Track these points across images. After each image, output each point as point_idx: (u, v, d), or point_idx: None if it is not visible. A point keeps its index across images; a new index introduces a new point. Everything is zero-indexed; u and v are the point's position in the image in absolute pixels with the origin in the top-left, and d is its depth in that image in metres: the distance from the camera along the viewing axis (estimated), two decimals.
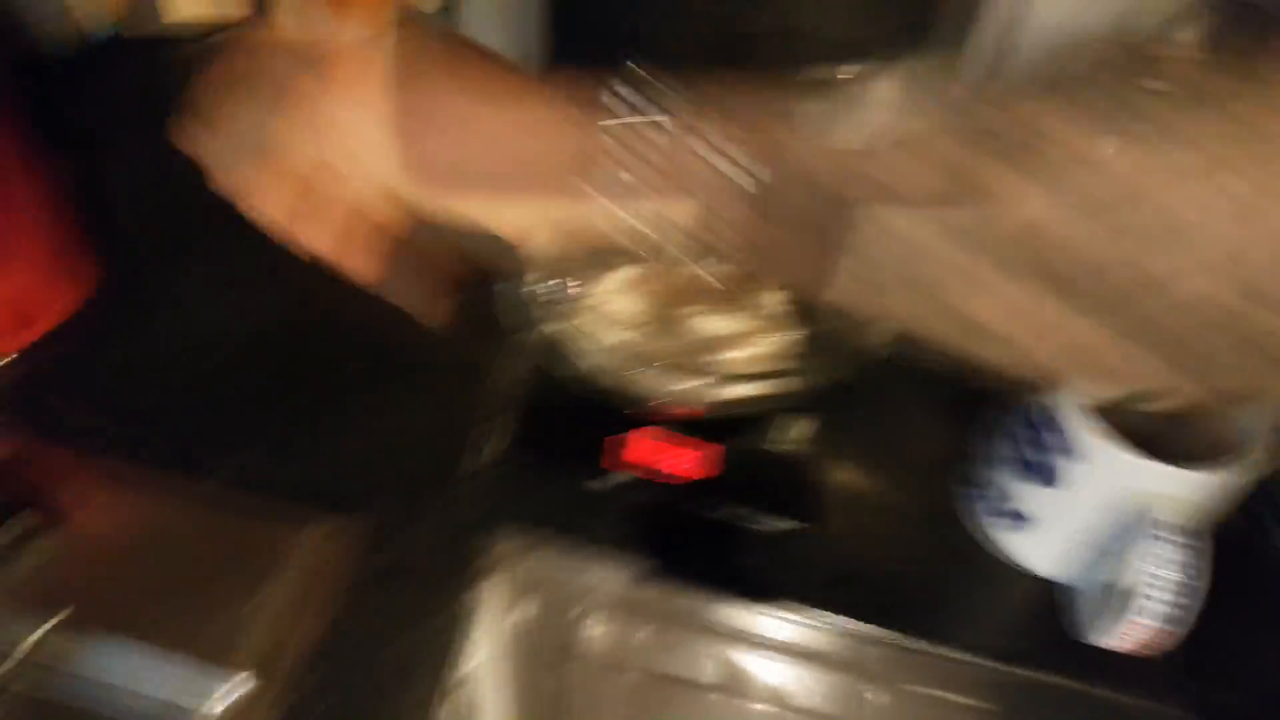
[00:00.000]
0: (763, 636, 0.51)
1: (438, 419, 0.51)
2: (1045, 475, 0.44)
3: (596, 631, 0.60)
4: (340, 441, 0.50)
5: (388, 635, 0.43)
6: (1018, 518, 0.46)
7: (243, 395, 0.52)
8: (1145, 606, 0.39)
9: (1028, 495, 0.45)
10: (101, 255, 0.57)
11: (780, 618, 0.47)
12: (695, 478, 0.47)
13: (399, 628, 0.44)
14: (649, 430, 0.48)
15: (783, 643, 0.51)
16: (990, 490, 0.48)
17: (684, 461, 0.47)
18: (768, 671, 0.63)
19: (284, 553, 0.46)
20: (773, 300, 0.55)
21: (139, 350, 0.54)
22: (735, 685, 0.68)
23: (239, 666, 0.42)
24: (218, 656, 0.42)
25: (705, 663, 0.67)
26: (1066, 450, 0.42)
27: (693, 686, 0.69)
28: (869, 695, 0.60)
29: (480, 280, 0.56)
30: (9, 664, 0.41)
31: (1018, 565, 0.47)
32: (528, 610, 0.57)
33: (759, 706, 0.69)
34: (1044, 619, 0.46)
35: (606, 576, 0.48)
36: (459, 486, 0.48)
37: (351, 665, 0.42)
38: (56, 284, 0.54)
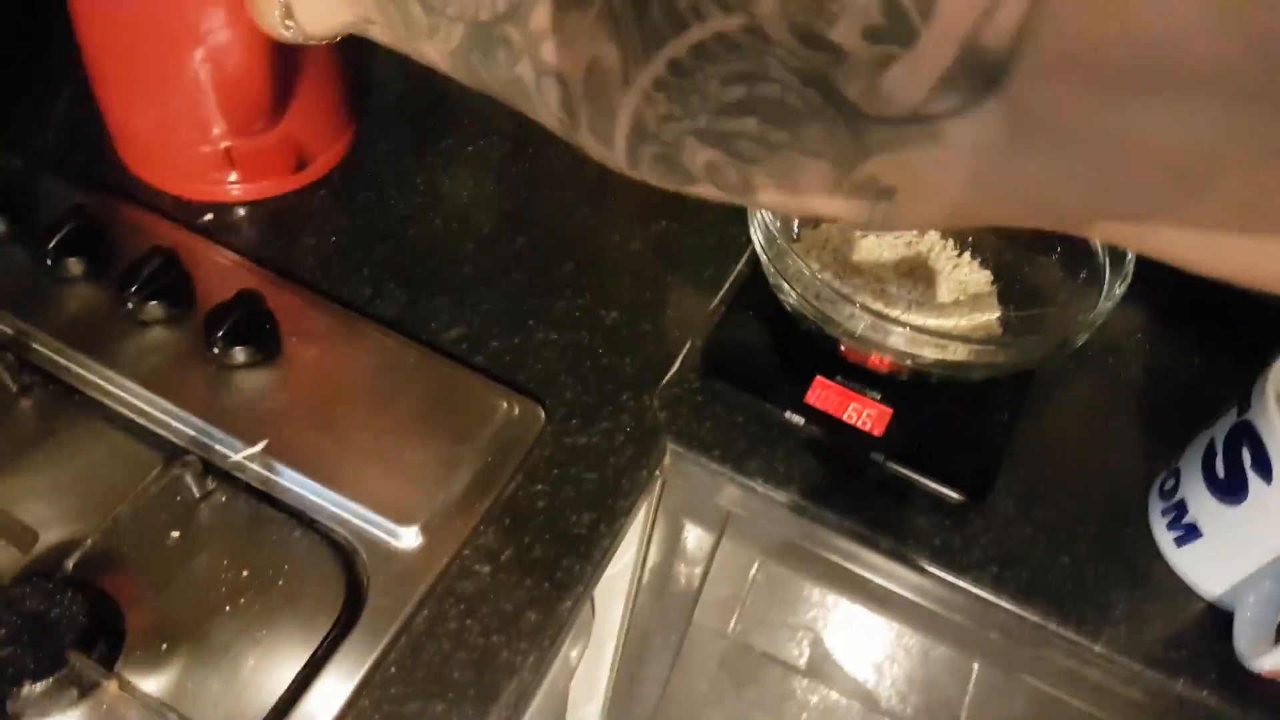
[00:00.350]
0: (887, 595, 0.52)
1: (639, 330, 0.54)
2: (1234, 493, 0.43)
3: (730, 569, 0.62)
4: (547, 332, 0.53)
5: (552, 519, 0.46)
6: (1194, 532, 0.46)
7: (466, 274, 0.56)
8: None
9: (1212, 511, 0.44)
10: (357, 121, 0.62)
11: (917, 571, 0.48)
12: (875, 433, 0.48)
13: (564, 514, 0.47)
14: (838, 379, 0.49)
15: (905, 604, 0.52)
16: (1175, 500, 0.47)
17: (868, 414, 0.48)
18: (867, 644, 0.64)
19: (477, 423, 0.49)
20: (978, 278, 0.55)
21: (379, 215, 0.58)
22: (822, 669, 0.69)
23: (415, 518, 0.45)
24: (397, 506, 0.45)
25: (794, 646, 0.69)
26: (1265, 470, 0.41)
27: (783, 665, 0.70)
28: (975, 669, 0.60)
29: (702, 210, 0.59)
30: (214, 477, 0.46)
31: (1187, 581, 0.47)
32: (675, 527, 0.59)
33: (835, 695, 0.70)
34: (1194, 637, 0.46)
35: (762, 510, 0.49)
36: (646, 396, 0.51)
37: (517, 536, 0.45)
38: (330, 135, 0.60)
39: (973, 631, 0.50)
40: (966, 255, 0.56)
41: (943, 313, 0.53)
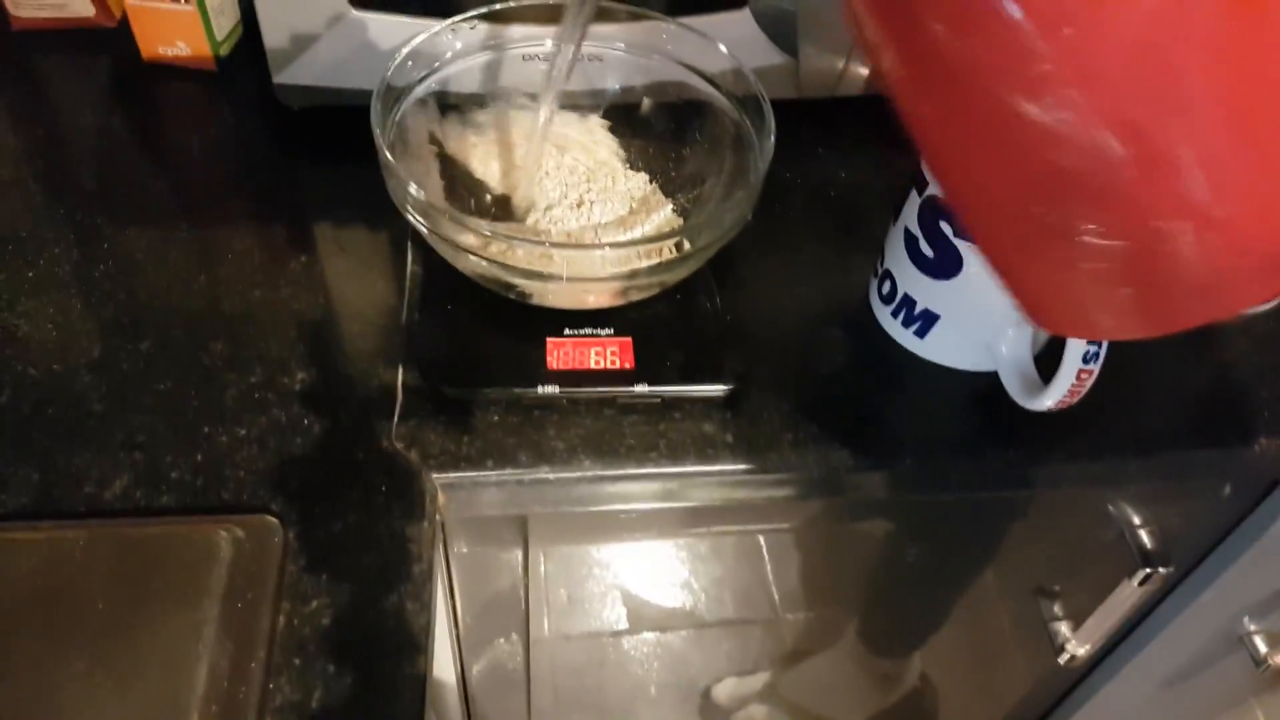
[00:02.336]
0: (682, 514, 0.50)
1: (339, 378, 0.46)
2: (950, 266, 0.45)
3: (545, 568, 0.57)
4: (232, 429, 0.44)
5: (347, 627, 0.38)
6: (929, 318, 0.48)
7: (99, 412, 0.44)
8: (1076, 353, 0.41)
9: (937, 292, 0.47)
10: None
11: (729, 477, 0.46)
12: (628, 367, 0.45)
13: (359, 615, 0.39)
14: (567, 333, 0.46)
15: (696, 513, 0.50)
16: (898, 298, 0.49)
17: (612, 352, 0.45)
18: (665, 575, 0.63)
19: (202, 573, 0.39)
20: (637, 182, 0.53)
21: None
22: (642, 617, 0.67)
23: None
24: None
25: (609, 611, 0.66)
26: (962, 234, 0.44)
27: (610, 636, 0.67)
28: (762, 541, 0.61)
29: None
30: None
31: (944, 365, 0.49)
32: (473, 561, 0.53)
33: (667, 634, 0.69)
34: (977, 410, 0.48)
35: (563, 497, 0.45)
36: (384, 442, 0.43)
37: (317, 670, 0.37)
38: None
39: (777, 505, 0.49)
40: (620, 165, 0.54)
41: (625, 225, 0.51)
